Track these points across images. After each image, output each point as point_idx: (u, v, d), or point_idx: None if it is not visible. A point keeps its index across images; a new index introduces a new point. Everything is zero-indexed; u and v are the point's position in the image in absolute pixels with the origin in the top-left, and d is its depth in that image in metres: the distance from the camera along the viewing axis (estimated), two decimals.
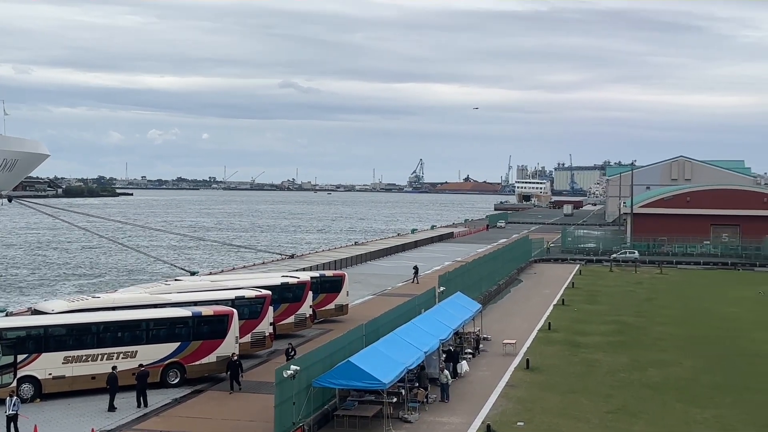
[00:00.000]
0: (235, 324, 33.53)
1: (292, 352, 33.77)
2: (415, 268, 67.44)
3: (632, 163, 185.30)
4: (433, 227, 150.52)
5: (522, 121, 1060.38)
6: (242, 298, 37.07)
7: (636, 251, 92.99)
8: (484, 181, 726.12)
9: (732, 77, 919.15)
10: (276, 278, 44.08)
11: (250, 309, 37.05)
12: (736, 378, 35.56)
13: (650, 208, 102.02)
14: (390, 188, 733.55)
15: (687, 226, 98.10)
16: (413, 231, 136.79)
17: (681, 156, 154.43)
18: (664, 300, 61.89)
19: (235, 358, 31.92)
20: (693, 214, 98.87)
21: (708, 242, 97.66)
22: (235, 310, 34.17)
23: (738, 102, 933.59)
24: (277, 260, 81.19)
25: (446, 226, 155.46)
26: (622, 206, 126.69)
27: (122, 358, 30.53)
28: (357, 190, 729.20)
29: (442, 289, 43.08)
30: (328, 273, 50.99)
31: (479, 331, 41.90)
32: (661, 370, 36.88)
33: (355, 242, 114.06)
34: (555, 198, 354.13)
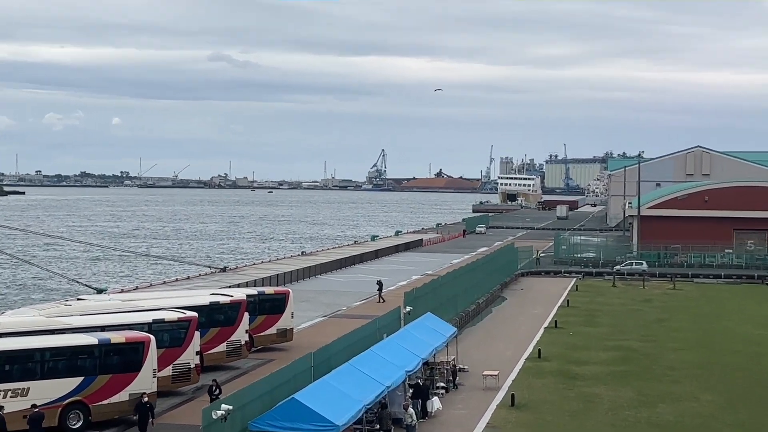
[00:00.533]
0: (152, 353, 33.28)
1: (217, 391, 33.58)
2: (379, 283, 67.93)
3: (639, 155, 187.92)
4: (398, 233, 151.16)
5: (506, 104, 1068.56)
6: (161, 321, 36.82)
7: (644, 262, 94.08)
8: (461, 177, 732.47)
9: (759, 50, 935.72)
10: (204, 297, 43.88)
11: (171, 335, 36.83)
12: (763, 414, 36.08)
13: (661, 209, 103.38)
14: (345, 185, 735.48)
15: (705, 231, 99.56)
16: (374, 238, 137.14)
17: (698, 146, 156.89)
18: (678, 320, 62.74)
19: (146, 399, 31.53)
20: (712, 216, 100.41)
21: (730, 251, 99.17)
22: (152, 337, 33.93)
23: (766, 81, 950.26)
24: (206, 274, 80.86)
25: (414, 232, 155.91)
26: (627, 207, 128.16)
27: (11, 396, 30.14)
28: (305, 188, 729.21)
29: (408, 309, 43.14)
30: (269, 290, 50.93)
31: (454, 360, 42.04)
32: (674, 405, 37.34)
33: (303, 252, 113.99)
34: (546, 197, 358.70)
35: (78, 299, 43.62)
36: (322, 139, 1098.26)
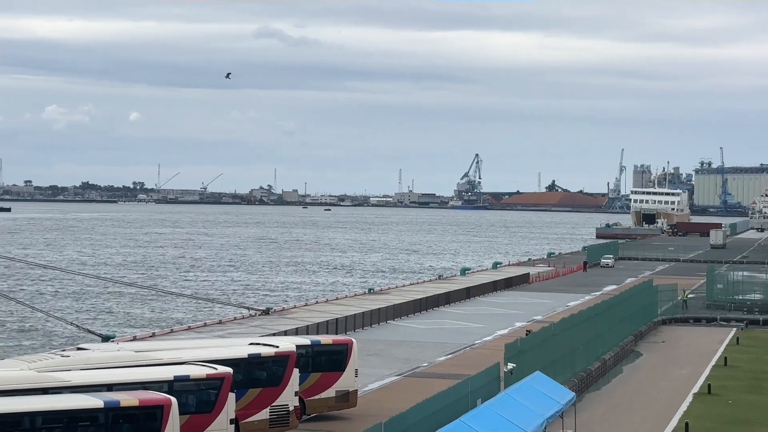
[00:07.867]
0: (173, 421, 33.36)
1: None
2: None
3: None
4: (496, 265, 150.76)
5: (642, 94, 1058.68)
6: (185, 379, 37.05)
7: None
8: (580, 191, 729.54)
9: None
10: (240, 347, 44.12)
11: (197, 397, 37.11)
12: None
13: None
14: (426, 201, 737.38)
15: None
16: (464, 272, 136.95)
17: None
18: None
19: None
20: None
21: None
22: (173, 399, 34.09)
23: None
24: (243, 318, 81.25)
25: (518, 264, 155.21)
26: None
27: None
28: (373, 205, 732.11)
29: (510, 366, 42.85)
30: (325, 339, 50.95)
31: None
32: None
33: (370, 290, 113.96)
34: (696, 218, 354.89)
35: (78, 348, 44.02)
36: (396, 141, 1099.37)
